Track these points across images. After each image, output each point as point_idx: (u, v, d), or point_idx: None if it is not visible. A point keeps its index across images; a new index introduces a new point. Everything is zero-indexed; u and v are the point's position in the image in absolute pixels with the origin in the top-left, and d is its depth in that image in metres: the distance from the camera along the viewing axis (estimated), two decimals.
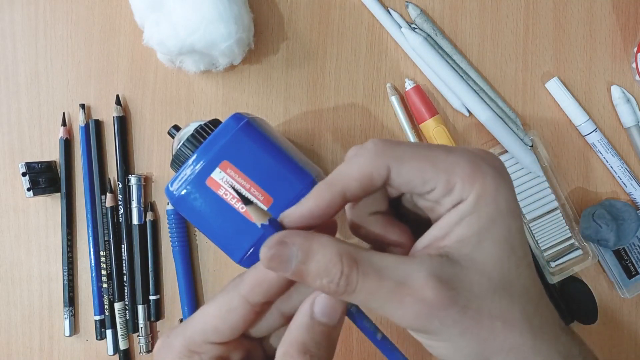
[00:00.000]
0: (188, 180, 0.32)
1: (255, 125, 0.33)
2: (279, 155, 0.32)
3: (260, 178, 0.31)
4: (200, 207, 0.32)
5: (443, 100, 0.44)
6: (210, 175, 0.32)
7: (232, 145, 0.32)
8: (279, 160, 0.32)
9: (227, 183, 0.31)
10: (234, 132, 0.32)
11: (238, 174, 0.31)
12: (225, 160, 0.31)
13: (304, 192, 0.30)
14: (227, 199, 0.32)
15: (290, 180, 0.31)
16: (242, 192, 0.31)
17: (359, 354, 0.44)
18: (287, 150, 0.33)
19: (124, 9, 0.44)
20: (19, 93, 0.45)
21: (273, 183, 0.31)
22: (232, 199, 0.31)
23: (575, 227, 0.43)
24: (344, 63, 0.44)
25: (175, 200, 0.32)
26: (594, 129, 0.43)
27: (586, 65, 0.44)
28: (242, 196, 0.23)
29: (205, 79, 0.44)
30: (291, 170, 0.32)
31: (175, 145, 0.37)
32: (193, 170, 0.32)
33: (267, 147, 0.32)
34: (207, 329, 0.23)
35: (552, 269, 0.42)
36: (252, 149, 0.32)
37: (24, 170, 0.42)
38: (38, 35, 0.45)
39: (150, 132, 0.44)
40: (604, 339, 0.44)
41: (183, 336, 0.23)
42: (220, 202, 0.32)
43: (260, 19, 0.44)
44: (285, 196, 0.31)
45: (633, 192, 0.43)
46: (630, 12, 0.44)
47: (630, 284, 0.43)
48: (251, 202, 0.22)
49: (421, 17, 0.43)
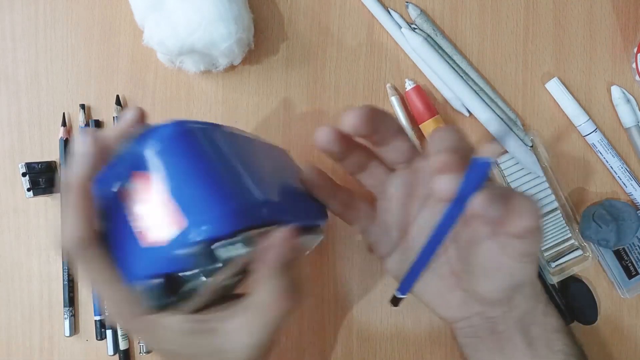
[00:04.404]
0: (104, 179, 0.28)
1: (192, 138, 0.26)
2: (206, 175, 0.25)
3: (180, 197, 0.25)
4: (109, 212, 0.27)
5: (443, 101, 0.44)
6: (121, 182, 0.27)
7: (154, 155, 0.26)
8: (205, 181, 0.25)
9: (135, 195, 0.26)
10: (161, 141, 0.26)
11: (149, 189, 0.26)
12: (140, 171, 0.26)
13: (219, 220, 0.24)
14: (127, 213, 0.27)
15: (209, 204, 0.25)
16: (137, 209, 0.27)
17: (359, 354, 0.44)
18: (229, 169, 0.27)
19: (124, 9, 0.44)
20: (19, 93, 0.45)
21: (191, 205, 0.25)
22: (131, 215, 0.26)
23: (575, 227, 0.43)
24: (344, 63, 0.44)
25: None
26: (594, 129, 0.43)
27: (586, 65, 0.44)
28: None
29: (205, 79, 0.44)
30: (214, 193, 0.25)
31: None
32: (111, 170, 0.28)
33: (197, 163, 0.26)
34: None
35: (552, 269, 0.42)
36: (177, 164, 0.26)
37: (24, 171, 0.42)
38: (38, 35, 0.45)
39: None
40: (604, 339, 0.44)
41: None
42: (119, 214, 0.27)
43: (260, 19, 0.44)
44: (199, 220, 0.25)
45: (633, 192, 0.43)
46: (630, 12, 0.44)
47: (630, 284, 0.43)
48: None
49: (421, 18, 0.43)
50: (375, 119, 0.29)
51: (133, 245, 0.26)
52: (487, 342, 0.34)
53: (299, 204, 0.33)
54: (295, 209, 0.31)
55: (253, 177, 0.28)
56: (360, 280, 0.44)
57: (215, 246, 0.24)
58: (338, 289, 0.44)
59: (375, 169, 0.34)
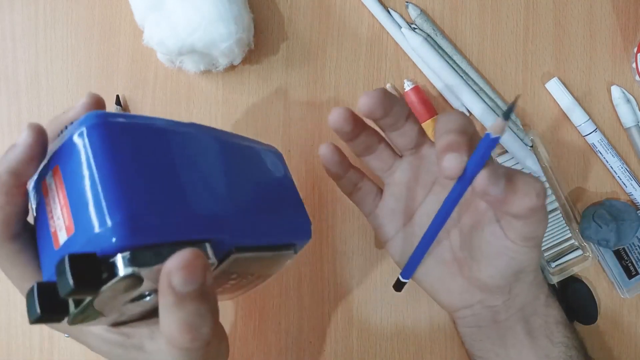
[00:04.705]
0: (41, 171, 0.26)
1: (108, 132, 0.23)
2: (109, 178, 0.22)
3: (76, 199, 0.22)
4: (39, 207, 0.25)
5: (443, 101, 0.44)
6: (45, 176, 0.25)
7: (68, 149, 0.23)
8: (105, 185, 0.22)
9: (52, 191, 0.24)
10: (76, 133, 0.23)
11: (61, 186, 0.23)
12: (57, 165, 0.24)
13: (104, 233, 0.21)
14: (47, 209, 0.24)
15: (98, 214, 0.21)
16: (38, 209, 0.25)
17: (359, 354, 0.44)
18: (145, 174, 0.23)
19: (124, 9, 0.44)
20: (19, 93, 0.45)
21: (83, 210, 0.22)
22: (49, 212, 0.24)
23: (575, 227, 0.43)
24: (344, 63, 0.44)
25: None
26: (594, 129, 0.43)
27: (586, 65, 0.44)
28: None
29: (205, 79, 0.44)
30: (110, 202, 0.21)
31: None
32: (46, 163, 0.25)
33: (103, 163, 0.22)
34: None
35: (552, 269, 0.42)
36: (83, 160, 0.23)
37: None
38: (38, 35, 0.45)
39: None
40: (604, 339, 0.44)
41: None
42: (43, 209, 0.25)
43: (260, 19, 0.44)
44: (85, 230, 0.22)
45: (633, 192, 0.43)
46: (630, 12, 0.44)
47: (630, 284, 0.43)
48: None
49: (421, 17, 0.43)
50: (388, 102, 0.29)
51: (49, 245, 0.24)
52: (488, 332, 0.34)
53: (269, 219, 0.29)
54: (257, 225, 0.28)
55: (182, 188, 0.24)
56: (360, 280, 0.44)
57: (113, 260, 0.21)
58: (338, 289, 0.44)
59: (382, 152, 0.34)
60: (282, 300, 0.44)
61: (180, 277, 0.21)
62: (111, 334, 0.27)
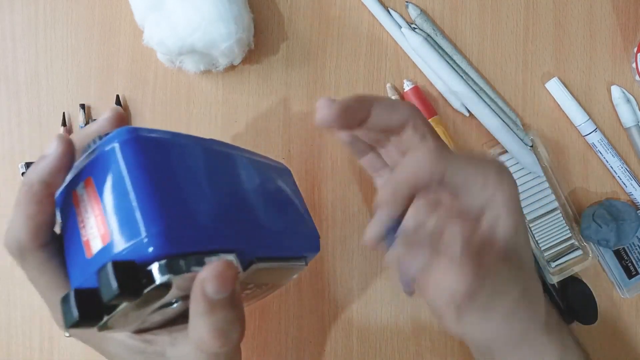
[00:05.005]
0: (69, 182, 0.27)
1: (141, 147, 0.25)
2: (145, 190, 0.23)
3: (111, 209, 0.24)
4: (67, 216, 0.27)
5: (443, 100, 0.44)
6: (75, 187, 0.26)
7: (101, 162, 0.25)
8: (141, 197, 0.23)
9: (83, 202, 0.25)
10: (109, 147, 0.25)
11: (94, 197, 0.25)
12: (90, 177, 0.25)
13: (141, 242, 0.22)
14: (78, 219, 0.25)
15: (135, 224, 0.23)
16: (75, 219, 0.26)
17: (359, 354, 0.44)
18: (174, 187, 0.25)
19: (124, 9, 0.44)
20: (19, 93, 0.45)
21: (120, 220, 0.23)
22: (80, 222, 0.25)
23: (575, 227, 0.43)
24: (344, 63, 0.44)
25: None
26: (594, 129, 0.43)
27: (586, 65, 0.44)
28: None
29: (205, 79, 0.44)
30: (146, 213, 0.23)
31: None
32: (73, 173, 0.27)
33: (138, 176, 0.24)
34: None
35: (552, 269, 0.42)
36: (119, 173, 0.24)
37: (24, 171, 0.42)
38: (38, 35, 0.45)
39: None
40: (604, 339, 0.44)
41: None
42: (73, 219, 0.26)
43: (260, 19, 0.44)
44: (122, 240, 0.23)
45: (633, 192, 0.43)
46: (630, 12, 0.44)
47: (630, 284, 0.43)
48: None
49: (421, 17, 0.43)
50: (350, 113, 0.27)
51: (79, 254, 0.25)
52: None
53: (285, 232, 0.31)
54: (274, 238, 0.29)
55: (208, 200, 0.26)
56: (360, 280, 0.44)
57: (150, 267, 0.22)
58: (338, 289, 0.44)
59: (392, 150, 0.32)
60: (282, 300, 0.44)
61: (214, 285, 0.22)
62: (133, 341, 0.27)
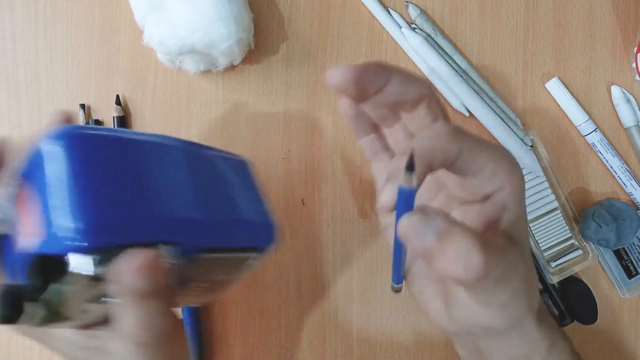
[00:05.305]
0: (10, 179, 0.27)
1: (74, 143, 0.25)
2: (69, 185, 0.23)
3: (38, 204, 0.24)
4: (4, 212, 0.27)
5: (443, 100, 0.44)
6: (16, 185, 0.26)
7: (34, 159, 0.25)
8: (63, 192, 0.23)
9: (19, 199, 0.25)
10: (42, 143, 0.25)
11: (26, 192, 0.25)
12: (26, 174, 0.25)
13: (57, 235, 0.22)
14: (16, 216, 0.26)
15: (58, 214, 0.23)
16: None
17: (359, 355, 0.44)
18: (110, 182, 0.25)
19: (124, 9, 0.44)
20: (19, 93, 0.45)
21: (43, 214, 0.23)
22: (15, 218, 0.25)
23: (575, 227, 0.43)
24: (344, 63, 0.44)
25: None
26: (594, 129, 0.43)
27: (586, 65, 0.44)
28: None
29: (205, 79, 0.44)
30: (69, 202, 0.23)
31: None
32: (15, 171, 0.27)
33: (66, 170, 0.24)
34: None
35: (552, 269, 0.42)
36: (47, 168, 0.24)
37: None
38: (38, 35, 0.45)
39: (150, 132, 0.44)
40: (604, 339, 0.44)
41: None
42: (14, 216, 0.26)
43: (260, 19, 0.44)
44: (45, 232, 0.23)
45: (633, 192, 0.43)
46: (630, 12, 0.44)
47: (630, 284, 0.43)
48: None
49: (421, 17, 0.43)
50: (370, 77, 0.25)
51: (13, 248, 0.25)
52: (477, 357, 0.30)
53: (232, 222, 0.30)
54: (219, 228, 0.29)
55: (144, 193, 0.25)
56: (360, 280, 0.44)
57: (65, 259, 0.22)
58: (338, 290, 0.44)
59: (399, 131, 0.30)
60: (282, 300, 0.44)
61: (134, 275, 0.22)
62: (76, 336, 0.27)
